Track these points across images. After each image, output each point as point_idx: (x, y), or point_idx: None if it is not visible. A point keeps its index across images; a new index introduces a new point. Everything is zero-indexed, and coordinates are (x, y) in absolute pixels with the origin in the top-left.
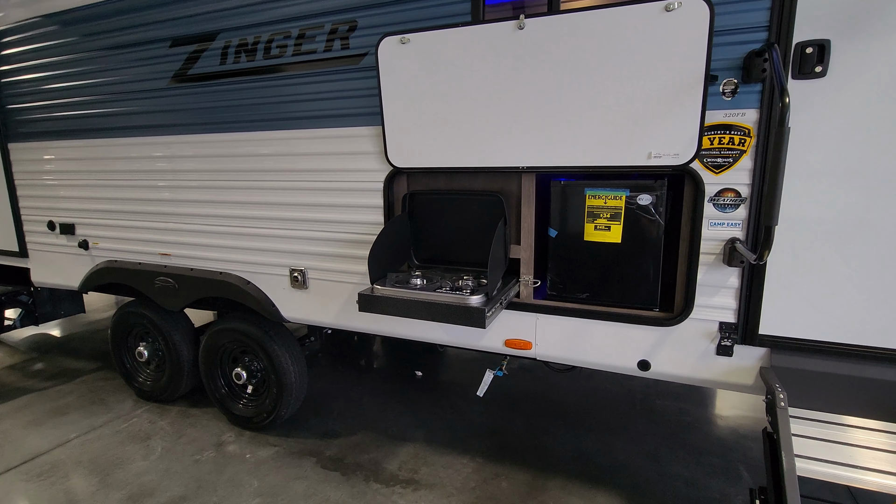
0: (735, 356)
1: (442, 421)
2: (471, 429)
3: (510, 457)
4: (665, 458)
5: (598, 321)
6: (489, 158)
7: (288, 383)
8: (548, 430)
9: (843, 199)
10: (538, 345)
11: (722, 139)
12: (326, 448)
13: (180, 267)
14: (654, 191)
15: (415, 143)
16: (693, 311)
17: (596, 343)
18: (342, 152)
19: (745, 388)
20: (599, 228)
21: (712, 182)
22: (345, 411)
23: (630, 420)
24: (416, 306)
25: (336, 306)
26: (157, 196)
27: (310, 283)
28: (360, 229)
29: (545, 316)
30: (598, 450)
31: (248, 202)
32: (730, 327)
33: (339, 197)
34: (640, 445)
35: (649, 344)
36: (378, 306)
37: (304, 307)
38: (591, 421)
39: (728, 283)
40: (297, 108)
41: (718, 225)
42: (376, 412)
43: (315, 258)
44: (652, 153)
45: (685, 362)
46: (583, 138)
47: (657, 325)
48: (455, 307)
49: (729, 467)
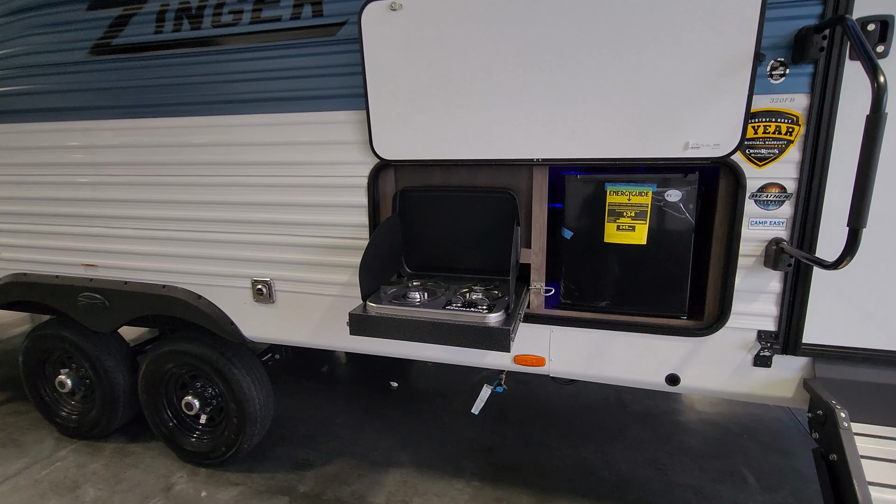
0: (774, 367)
1: (427, 439)
2: (460, 446)
3: (509, 477)
4: (668, 465)
5: (620, 332)
6: (496, 149)
7: (251, 412)
8: (542, 442)
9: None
10: (553, 360)
11: (767, 128)
12: (300, 483)
13: (111, 280)
14: (684, 186)
15: (406, 130)
16: (729, 318)
17: (618, 357)
18: (317, 141)
19: (784, 401)
20: (623, 228)
21: (755, 176)
22: (316, 435)
23: (623, 424)
24: (424, 328)
25: (311, 323)
26: (75, 195)
27: (277, 297)
28: (339, 232)
29: (560, 328)
30: (599, 462)
31: (198, 201)
32: (770, 336)
33: (314, 195)
34: (640, 453)
35: (679, 356)
36: (375, 328)
37: (270, 324)
38: (584, 428)
39: (769, 287)
40: (258, 89)
41: (760, 224)
42: (352, 434)
43: (284, 267)
44: (689, 143)
45: (719, 375)
46: (608, 126)
47: (688, 336)
48: (472, 329)
49: (733, 471)
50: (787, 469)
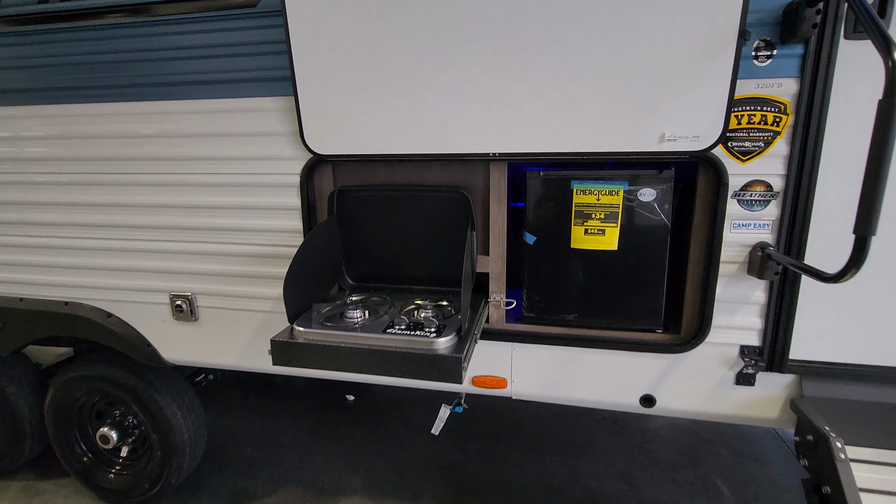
0: (758, 386)
1: (384, 460)
2: (419, 466)
3: (471, 500)
4: (639, 479)
5: (589, 349)
6: (448, 143)
7: (178, 443)
8: (507, 457)
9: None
10: (515, 381)
11: (752, 117)
12: None
13: (4, 297)
14: (659, 184)
15: (343, 120)
16: (710, 333)
17: (587, 376)
18: (239, 133)
19: (769, 422)
20: (591, 232)
21: (738, 172)
22: (259, 460)
23: (591, 434)
24: (361, 357)
25: (240, 343)
26: None
27: (200, 314)
28: (269, 239)
29: (523, 345)
30: (568, 477)
31: (102, 203)
32: (753, 352)
33: (239, 195)
34: (609, 466)
35: (654, 375)
36: (303, 358)
37: (193, 346)
38: (550, 440)
39: (752, 298)
40: (165, 71)
41: (744, 227)
42: (299, 457)
43: (207, 279)
44: (666, 135)
45: (697, 395)
46: (574, 115)
47: (664, 352)
48: (418, 357)
49: (706, 482)
50: (762, 478)
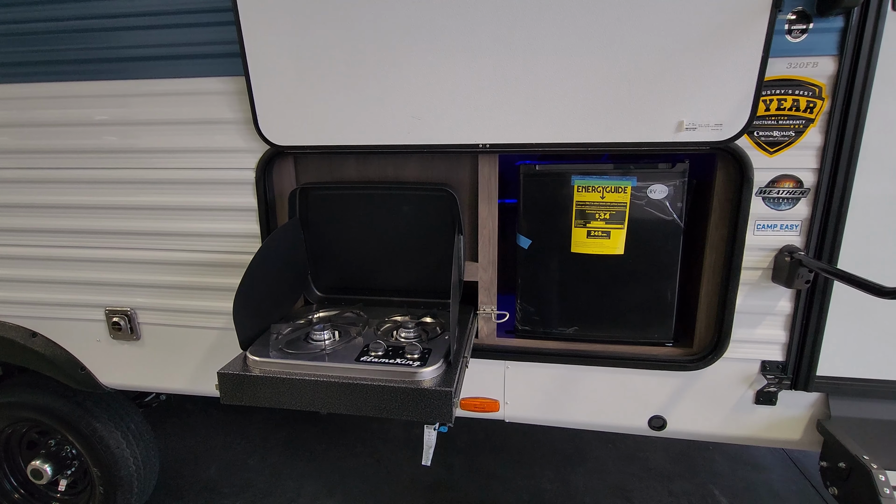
0: (779, 405)
1: (361, 479)
2: (400, 484)
3: None
4: (634, 491)
5: (591, 367)
6: (429, 132)
7: (123, 476)
8: (494, 473)
9: None
10: (509, 403)
11: (782, 102)
12: None
13: None
14: (672, 179)
15: (304, 104)
16: (728, 347)
17: (590, 397)
18: (183, 120)
19: (791, 443)
20: (595, 235)
21: (764, 166)
22: (222, 484)
23: (583, 443)
24: (329, 393)
25: (190, 364)
26: None
27: (143, 332)
28: (221, 244)
29: (517, 363)
30: (559, 493)
31: (23, 204)
32: (776, 368)
33: (185, 194)
34: (603, 478)
35: (665, 394)
36: (256, 393)
37: (136, 368)
38: (540, 452)
39: (777, 308)
40: (88, 43)
41: (769, 228)
42: (267, 479)
43: (149, 292)
44: (685, 123)
45: (713, 416)
46: (576, 100)
47: (675, 370)
48: (399, 392)
49: (703, 493)
50: (759, 485)
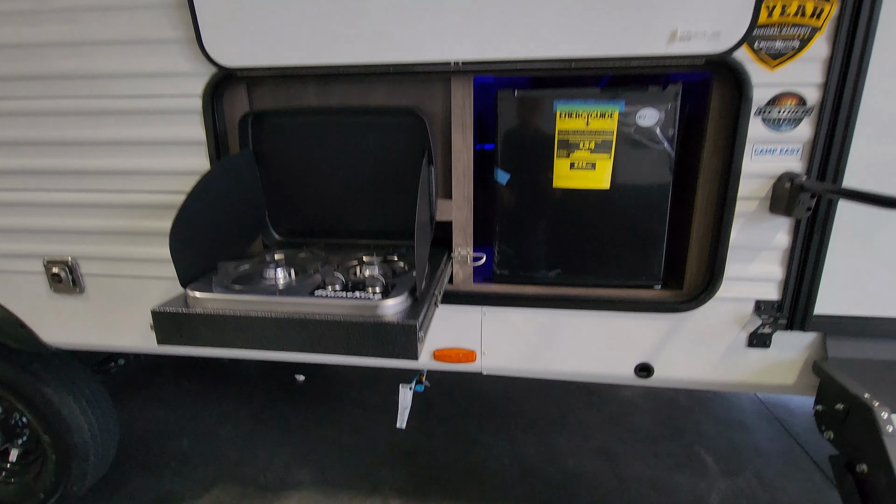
0: (774, 347)
1: (337, 448)
2: (378, 453)
3: (437, 489)
4: (619, 454)
5: (574, 311)
6: (396, 49)
7: (77, 444)
8: (476, 439)
9: None
10: (486, 354)
11: (786, 7)
12: None
13: None
14: (664, 102)
15: (256, 21)
16: (721, 286)
17: (573, 344)
18: (115, 39)
19: (784, 388)
20: (579, 167)
21: (765, 82)
22: (191, 457)
23: (566, 407)
24: (277, 329)
25: (141, 320)
26: None
27: (86, 284)
28: (167, 184)
29: (495, 309)
30: (544, 457)
31: None
32: (771, 307)
33: (125, 125)
34: (587, 441)
35: (652, 340)
36: (197, 332)
37: (81, 325)
38: (522, 417)
39: (773, 242)
40: None
41: (768, 153)
42: (239, 450)
43: (91, 239)
44: (678, 32)
45: (703, 361)
46: (558, 11)
47: (664, 311)
48: (357, 326)
49: (689, 454)
50: (745, 446)
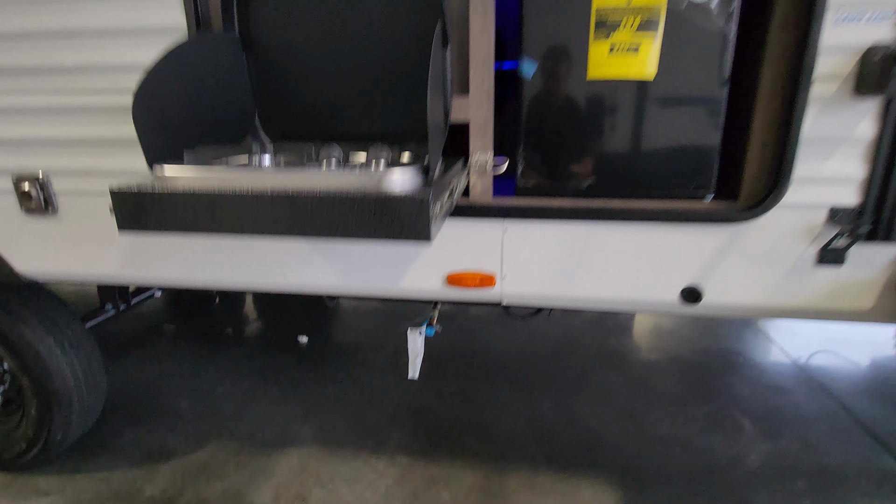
0: (849, 265)
1: (339, 406)
2: (384, 412)
3: (446, 448)
4: (644, 416)
5: (612, 224)
6: None
7: (60, 390)
8: (488, 398)
9: None
10: (507, 278)
11: None
12: (148, 482)
13: None
14: None
15: None
16: (788, 190)
17: (607, 265)
18: None
19: (857, 315)
20: (618, 51)
21: None
22: (186, 412)
23: (584, 370)
24: (262, 208)
25: (120, 244)
26: None
27: (60, 203)
28: None
29: (519, 224)
30: (560, 418)
31: None
32: (849, 215)
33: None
34: (608, 404)
35: (701, 258)
36: (165, 212)
37: (54, 251)
38: (538, 380)
39: (856, 132)
40: None
41: (853, 20)
42: (236, 406)
43: (66, 150)
44: None
45: (761, 282)
46: None
47: (719, 222)
48: (359, 201)
49: (721, 416)
50: (785, 408)
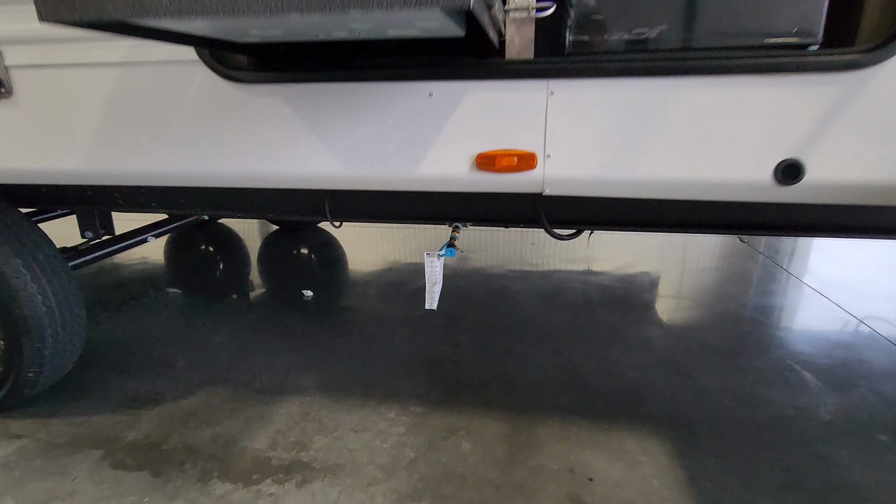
0: None
1: (346, 357)
2: (394, 363)
3: (466, 397)
4: (691, 367)
5: (687, 81)
6: None
7: (29, 317)
8: (511, 349)
9: None
10: (551, 157)
11: None
12: (129, 429)
13: None
14: None
15: None
16: None
17: (682, 136)
18: None
19: None
20: None
21: None
22: (177, 360)
23: (618, 323)
24: None
25: (88, 129)
26: None
27: (14, 82)
28: None
29: (568, 85)
30: (596, 369)
31: None
32: None
33: None
34: (648, 355)
35: (803, 123)
36: None
37: (10, 142)
38: (566, 331)
39: None
40: None
41: None
42: (232, 355)
43: (14, 10)
44: None
45: (883, 153)
46: None
47: (828, 72)
48: None
49: (781, 369)
50: (851, 362)
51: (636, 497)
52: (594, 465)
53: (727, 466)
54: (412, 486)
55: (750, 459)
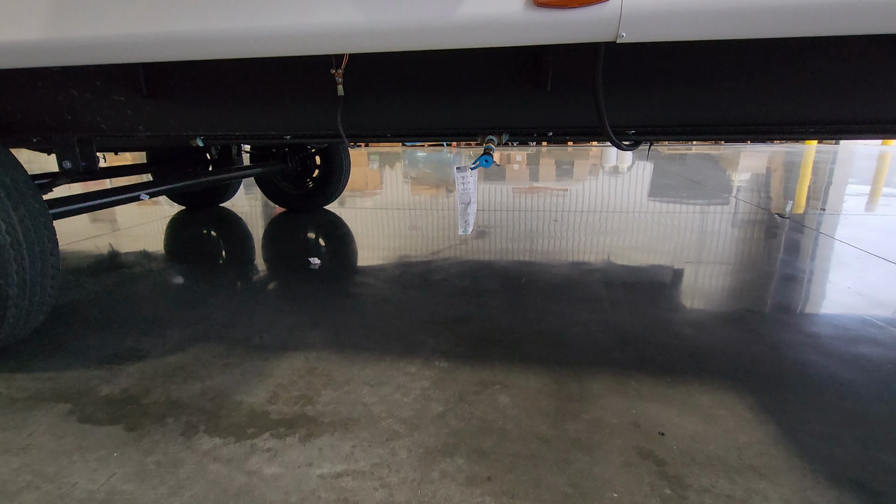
0: None
1: (358, 317)
2: (414, 321)
3: (500, 352)
4: (758, 325)
5: None
6: None
7: None
8: (547, 308)
9: None
10: None
11: None
12: (105, 383)
13: None
14: None
15: None
16: None
17: None
18: None
19: None
20: None
21: None
22: (166, 319)
23: (664, 282)
24: None
25: None
26: None
27: None
28: None
29: None
30: (647, 326)
31: None
32: None
33: None
34: (705, 311)
35: None
36: None
37: None
38: (607, 290)
39: None
40: None
41: None
42: (230, 314)
43: None
44: None
45: None
46: None
47: None
48: None
49: (864, 326)
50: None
51: (723, 452)
52: (663, 419)
53: (830, 419)
54: (442, 440)
55: (854, 413)
